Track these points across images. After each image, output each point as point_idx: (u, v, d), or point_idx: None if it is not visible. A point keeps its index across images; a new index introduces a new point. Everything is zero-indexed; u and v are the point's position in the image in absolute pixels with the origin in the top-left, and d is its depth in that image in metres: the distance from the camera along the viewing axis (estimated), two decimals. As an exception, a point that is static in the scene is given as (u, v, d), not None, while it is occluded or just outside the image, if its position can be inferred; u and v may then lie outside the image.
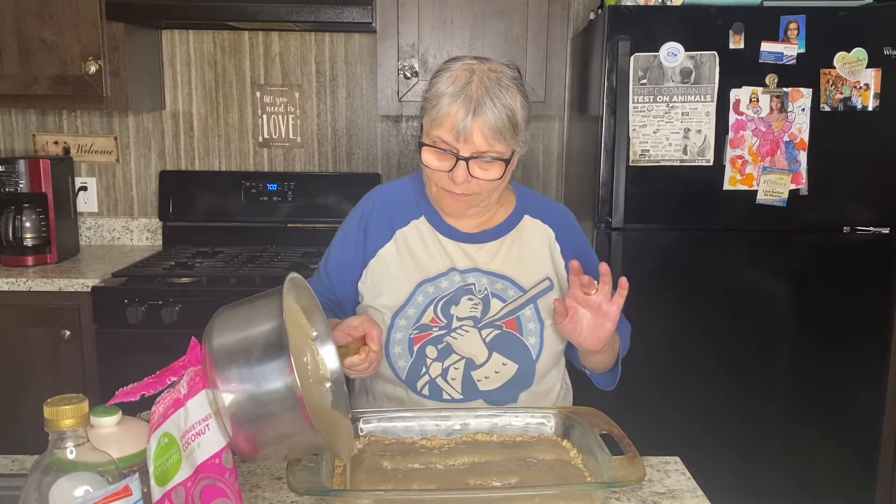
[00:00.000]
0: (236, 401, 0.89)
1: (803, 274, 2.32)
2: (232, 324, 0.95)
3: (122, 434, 0.93)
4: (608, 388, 1.51)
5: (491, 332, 1.40)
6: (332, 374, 1.11)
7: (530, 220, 1.48)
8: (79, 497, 0.77)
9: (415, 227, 1.46)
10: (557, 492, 1.04)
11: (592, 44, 2.43)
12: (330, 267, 1.51)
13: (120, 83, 2.59)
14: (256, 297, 0.99)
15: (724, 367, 2.35)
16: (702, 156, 2.25)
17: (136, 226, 3.02)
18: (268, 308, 0.95)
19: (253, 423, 0.90)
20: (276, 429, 0.91)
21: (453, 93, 1.29)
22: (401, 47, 2.58)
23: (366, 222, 1.48)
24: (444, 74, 1.34)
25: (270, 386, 0.89)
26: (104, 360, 2.38)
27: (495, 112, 1.29)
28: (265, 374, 0.89)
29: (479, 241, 1.45)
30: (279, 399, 0.89)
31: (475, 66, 1.33)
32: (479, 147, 1.30)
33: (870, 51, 2.21)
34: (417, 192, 1.49)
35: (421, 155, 1.35)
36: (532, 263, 1.45)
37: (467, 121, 1.28)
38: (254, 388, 0.89)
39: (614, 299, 1.27)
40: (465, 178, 1.31)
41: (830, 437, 2.39)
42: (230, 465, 0.96)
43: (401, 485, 1.07)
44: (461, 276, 1.42)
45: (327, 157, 3.01)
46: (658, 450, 1.32)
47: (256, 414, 0.90)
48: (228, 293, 2.39)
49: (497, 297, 1.41)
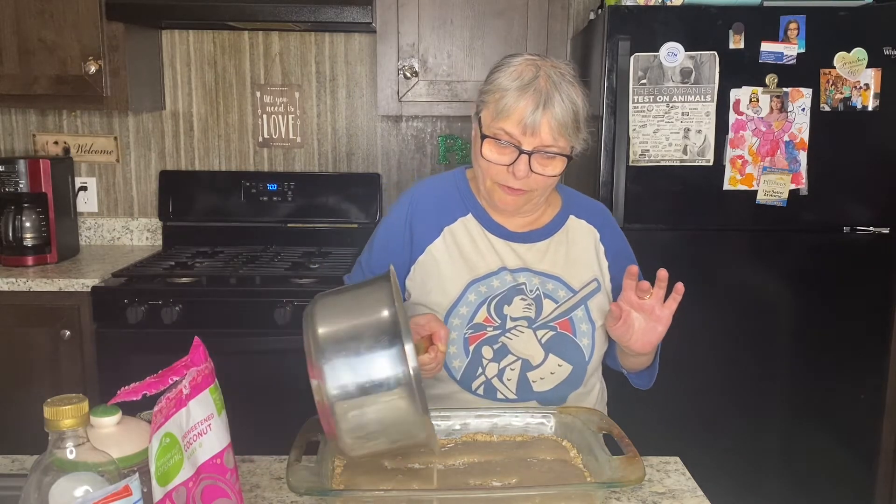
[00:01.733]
0: (343, 389, 0.87)
1: (803, 274, 2.32)
2: (336, 312, 0.93)
3: (122, 434, 0.93)
4: (645, 387, 1.52)
5: (546, 333, 1.39)
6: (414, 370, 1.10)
7: (575, 221, 1.48)
8: (79, 497, 0.77)
9: (462, 225, 1.44)
10: (557, 492, 1.04)
11: (592, 44, 2.43)
12: (375, 263, 1.48)
13: (120, 83, 2.59)
14: (357, 287, 0.98)
15: (724, 367, 2.35)
16: (702, 156, 2.25)
17: (136, 226, 3.02)
18: (375, 297, 0.94)
19: (359, 411, 0.88)
20: (382, 418, 0.89)
21: (520, 86, 1.29)
22: (401, 47, 2.58)
23: (411, 218, 1.45)
24: (506, 69, 1.33)
25: (383, 375, 0.88)
26: (104, 360, 2.38)
27: (563, 106, 1.29)
28: (377, 362, 0.88)
29: (528, 241, 1.44)
30: (390, 388, 0.87)
31: (538, 61, 1.32)
32: (544, 141, 1.30)
33: (870, 51, 2.21)
34: (462, 189, 1.47)
35: (481, 148, 1.33)
36: (580, 264, 1.44)
37: (536, 114, 1.28)
38: (364, 376, 0.87)
39: (667, 304, 1.29)
40: (526, 172, 1.30)
41: (830, 437, 2.39)
42: (231, 466, 0.96)
43: (401, 485, 1.07)
44: (512, 276, 1.40)
45: (327, 157, 3.01)
46: (658, 450, 1.32)
47: (363, 402, 0.88)
48: (228, 293, 2.40)
49: (549, 297, 1.40)
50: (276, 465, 1.24)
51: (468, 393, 1.39)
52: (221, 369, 0.98)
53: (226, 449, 0.95)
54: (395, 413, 0.90)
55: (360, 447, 0.96)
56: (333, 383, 0.89)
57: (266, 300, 2.36)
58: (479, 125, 1.36)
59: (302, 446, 1.10)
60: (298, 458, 1.06)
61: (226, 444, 0.95)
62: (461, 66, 2.60)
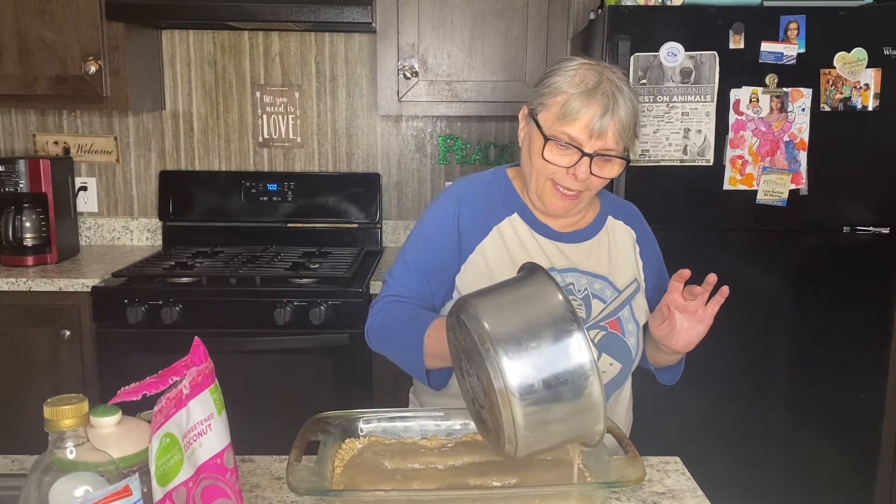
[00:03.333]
0: (528, 388, 0.86)
1: (803, 274, 2.32)
2: (503, 312, 0.91)
3: (122, 434, 0.93)
4: (670, 382, 1.55)
5: (598, 333, 1.40)
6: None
7: (614, 221, 1.50)
8: (79, 497, 0.77)
9: (510, 224, 1.44)
10: (557, 492, 1.04)
11: (592, 44, 2.43)
12: (425, 262, 1.44)
13: (120, 83, 2.59)
14: (513, 282, 0.97)
15: (724, 366, 2.35)
16: (702, 156, 2.25)
17: (136, 226, 3.02)
18: (538, 288, 0.93)
19: (544, 406, 0.87)
20: (567, 410, 0.88)
21: (586, 91, 1.31)
22: (401, 47, 2.58)
23: (459, 215, 1.44)
24: (565, 73, 1.34)
25: (566, 365, 0.87)
26: (104, 360, 2.38)
27: (627, 111, 1.32)
28: (559, 354, 0.87)
29: (573, 241, 1.45)
30: (574, 378, 0.87)
31: (596, 66, 1.34)
32: (607, 144, 1.32)
33: (870, 51, 2.21)
34: (505, 187, 1.47)
35: (543, 150, 1.34)
36: (622, 264, 1.47)
37: (605, 119, 1.30)
38: (550, 370, 0.87)
39: (710, 305, 1.31)
40: (587, 174, 1.33)
41: (830, 437, 2.39)
42: (231, 466, 0.96)
43: (401, 485, 1.07)
44: (560, 276, 1.41)
45: (327, 157, 3.01)
46: (658, 450, 1.32)
47: (549, 397, 0.87)
48: (228, 293, 2.40)
49: (597, 297, 1.41)
50: (276, 465, 1.24)
51: None
52: (221, 369, 0.98)
53: (226, 449, 0.95)
54: (582, 402, 0.89)
55: (534, 444, 0.92)
56: (517, 382, 0.86)
57: (266, 300, 2.36)
58: (537, 127, 1.36)
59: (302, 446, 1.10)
60: (298, 458, 1.05)
61: (226, 444, 0.95)
62: (461, 67, 2.60)
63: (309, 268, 2.54)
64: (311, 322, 2.35)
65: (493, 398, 0.89)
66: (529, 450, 0.93)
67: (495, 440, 0.96)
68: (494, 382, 0.88)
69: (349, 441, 1.20)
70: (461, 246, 1.43)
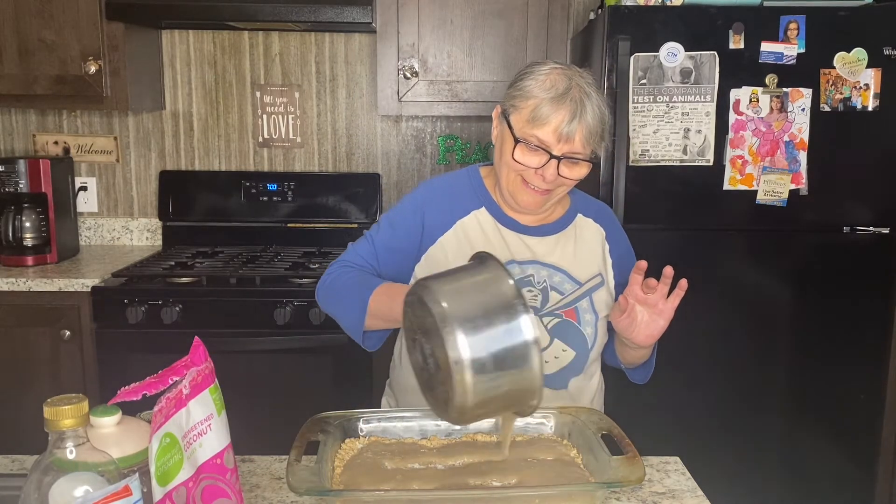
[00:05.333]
0: (478, 361, 0.96)
1: (803, 274, 2.32)
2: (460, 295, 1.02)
3: (122, 434, 0.93)
4: (641, 381, 1.58)
5: (552, 320, 1.46)
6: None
7: (583, 219, 1.54)
8: (79, 497, 0.77)
9: (475, 218, 1.49)
10: (557, 492, 1.04)
11: (592, 44, 2.43)
12: (379, 244, 1.52)
13: (120, 83, 2.59)
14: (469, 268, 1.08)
15: (724, 366, 2.35)
16: (702, 156, 2.25)
17: (136, 226, 3.02)
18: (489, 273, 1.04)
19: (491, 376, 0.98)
20: (509, 381, 0.99)
21: (555, 96, 1.35)
22: (401, 47, 2.58)
23: (424, 206, 1.50)
24: (537, 77, 1.39)
25: (512, 342, 0.98)
26: (104, 360, 2.38)
27: (594, 116, 1.37)
28: (507, 333, 0.98)
29: (538, 235, 1.49)
30: (518, 354, 0.98)
31: (568, 71, 1.39)
32: (575, 148, 1.37)
33: (870, 51, 2.21)
34: (476, 184, 1.53)
35: (513, 151, 1.39)
36: (586, 259, 1.51)
37: (573, 124, 1.34)
38: (498, 346, 0.97)
39: (670, 299, 1.35)
40: (555, 175, 1.37)
41: (830, 437, 2.39)
42: (231, 466, 0.96)
43: (401, 485, 1.07)
44: (520, 268, 1.46)
45: (327, 157, 3.01)
46: (658, 450, 1.32)
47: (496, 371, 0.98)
48: (228, 293, 2.40)
49: (555, 289, 1.46)
50: (276, 465, 1.24)
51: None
52: (221, 369, 0.99)
53: (226, 449, 0.95)
54: (524, 375, 1.00)
55: (474, 413, 1.03)
56: (468, 355, 0.97)
57: (266, 300, 2.36)
58: (509, 128, 1.41)
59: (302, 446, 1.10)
60: (298, 458, 1.05)
61: (226, 444, 0.96)
62: (461, 67, 2.60)
63: (309, 268, 2.54)
64: (311, 322, 2.35)
65: (447, 370, 0.98)
66: (474, 416, 1.04)
67: (442, 407, 1.04)
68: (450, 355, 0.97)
69: (349, 441, 1.20)
70: (423, 237, 1.49)
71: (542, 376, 1.00)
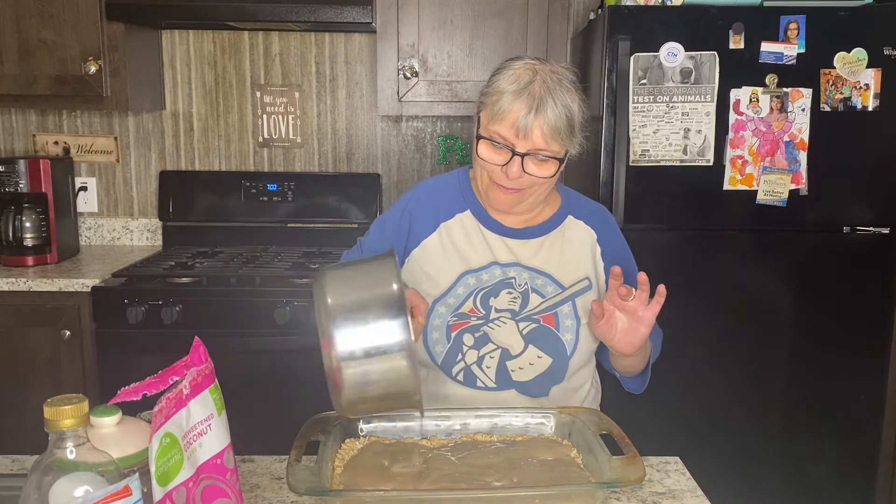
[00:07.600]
0: (351, 353, 1.01)
1: (803, 274, 2.32)
2: (345, 284, 1.07)
3: (122, 434, 0.93)
4: (636, 391, 1.53)
5: (528, 326, 1.42)
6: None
7: (573, 221, 1.50)
8: (79, 497, 0.77)
9: (459, 220, 1.48)
10: (557, 492, 1.04)
11: (592, 44, 2.43)
12: (367, 248, 1.53)
13: (120, 83, 2.59)
14: (363, 262, 1.12)
15: (724, 366, 2.35)
16: (702, 156, 2.25)
17: (136, 226, 3.02)
18: (381, 272, 1.07)
19: (364, 370, 1.02)
20: (384, 379, 1.03)
21: (516, 90, 1.32)
22: (401, 47, 2.58)
23: (411, 210, 1.50)
24: (506, 72, 1.36)
25: (388, 341, 1.01)
26: (104, 360, 2.38)
27: (556, 112, 1.32)
28: (383, 330, 1.02)
29: (522, 237, 1.47)
30: (393, 353, 1.01)
31: (537, 66, 1.35)
32: (536, 144, 1.33)
33: (870, 51, 2.20)
34: (463, 186, 1.51)
35: (477, 148, 1.37)
36: (573, 263, 1.47)
37: (529, 118, 1.31)
38: (372, 341, 1.02)
39: (650, 306, 1.30)
40: (518, 173, 1.34)
41: (830, 437, 2.38)
42: (231, 466, 0.96)
43: (401, 485, 1.07)
44: (502, 270, 1.44)
45: (327, 157, 3.01)
46: (658, 450, 1.32)
47: (368, 365, 1.02)
48: (228, 293, 2.40)
49: (536, 292, 1.44)
50: (276, 465, 1.24)
51: (449, 378, 1.43)
52: (221, 369, 0.99)
53: (226, 449, 0.95)
54: (395, 374, 1.03)
55: (360, 407, 1.08)
56: (343, 347, 1.02)
57: (266, 300, 2.36)
58: (477, 125, 1.40)
59: (302, 446, 1.10)
60: (298, 458, 1.06)
61: (226, 444, 0.96)
62: (461, 67, 2.60)
63: (309, 268, 2.54)
64: (311, 322, 2.34)
65: (329, 360, 1.04)
66: (355, 408, 1.08)
67: (338, 398, 1.08)
68: (331, 346, 1.03)
69: (349, 441, 1.20)
70: (408, 240, 1.49)
71: (416, 376, 1.03)
